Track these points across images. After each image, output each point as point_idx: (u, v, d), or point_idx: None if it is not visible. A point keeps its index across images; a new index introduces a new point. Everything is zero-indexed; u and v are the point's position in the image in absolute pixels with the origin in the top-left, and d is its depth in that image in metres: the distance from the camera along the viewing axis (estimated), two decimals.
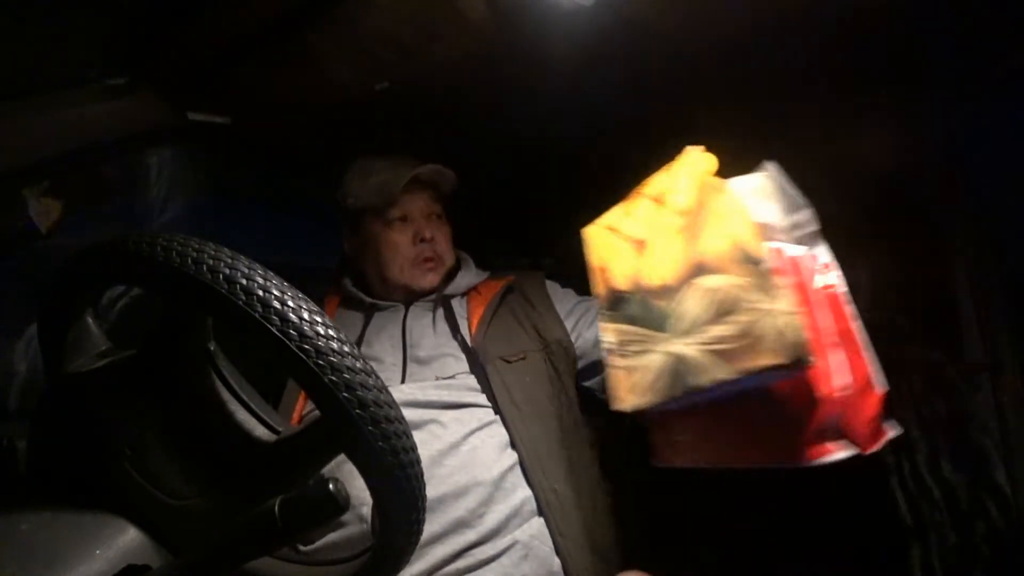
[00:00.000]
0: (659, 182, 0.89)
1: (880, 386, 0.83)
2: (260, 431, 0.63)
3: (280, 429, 0.64)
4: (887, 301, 1.12)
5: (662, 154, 0.90)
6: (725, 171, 0.85)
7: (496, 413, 1.09)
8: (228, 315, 0.52)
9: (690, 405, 0.82)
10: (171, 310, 0.61)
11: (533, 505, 1.03)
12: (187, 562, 0.54)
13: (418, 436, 0.59)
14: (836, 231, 0.88)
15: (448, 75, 1.14)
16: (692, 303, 0.78)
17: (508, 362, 1.14)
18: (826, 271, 0.86)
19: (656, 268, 0.83)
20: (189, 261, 0.53)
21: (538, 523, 1.02)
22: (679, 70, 1.16)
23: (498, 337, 1.18)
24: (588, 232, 0.97)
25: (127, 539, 0.59)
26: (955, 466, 1.11)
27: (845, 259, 0.88)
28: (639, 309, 0.82)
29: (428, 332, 1.20)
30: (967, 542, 1.08)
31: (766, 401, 0.79)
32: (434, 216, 1.30)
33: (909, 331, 1.17)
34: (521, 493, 1.03)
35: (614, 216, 0.94)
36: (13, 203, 1.05)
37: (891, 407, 0.85)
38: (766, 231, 0.80)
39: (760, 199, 0.82)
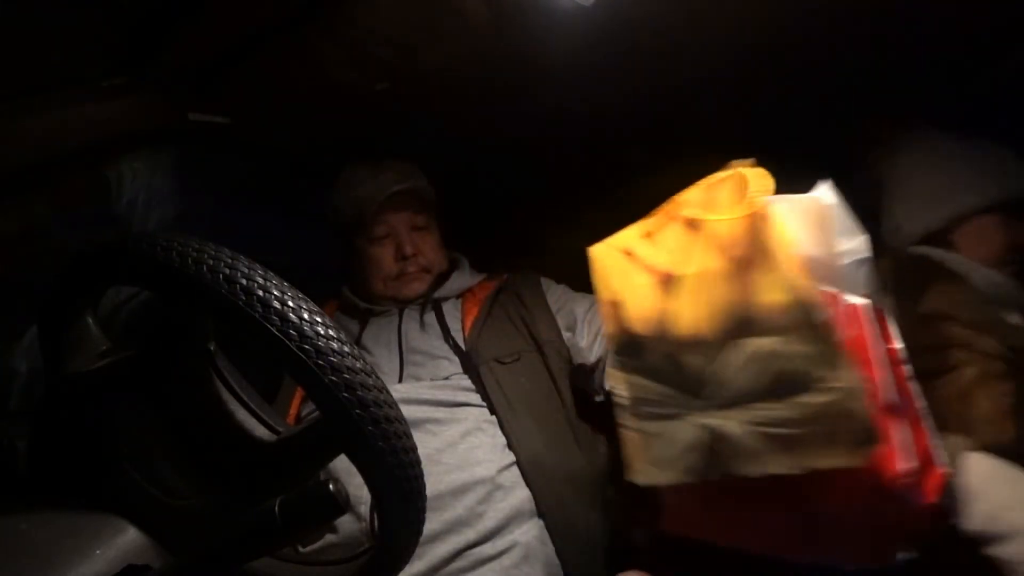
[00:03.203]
0: (694, 202, 0.71)
1: (941, 463, 0.67)
2: (260, 431, 0.63)
3: (280, 429, 0.64)
4: None
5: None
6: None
7: (492, 414, 1.09)
8: (228, 315, 0.52)
9: (721, 486, 0.67)
10: (171, 310, 0.61)
11: (533, 506, 1.03)
12: (187, 562, 0.54)
13: (415, 434, 0.59)
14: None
15: (448, 75, 1.14)
16: (739, 369, 0.63)
17: (503, 363, 1.14)
18: (882, 320, 0.69)
19: (688, 313, 0.66)
20: (189, 261, 0.53)
21: (538, 525, 1.02)
22: (680, 70, 1.16)
23: (492, 338, 1.18)
24: (597, 253, 0.77)
25: (127, 539, 0.59)
26: None
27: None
28: (663, 362, 0.67)
29: (423, 335, 1.20)
30: None
31: (820, 488, 0.62)
32: (417, 228, 1.30)
33: None
34: (520, 493, 1.03)
35: (632, 237, 0.75)
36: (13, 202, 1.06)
37: None
38: (819, 270, 0.64)
39: (811, 227, 0.66)
